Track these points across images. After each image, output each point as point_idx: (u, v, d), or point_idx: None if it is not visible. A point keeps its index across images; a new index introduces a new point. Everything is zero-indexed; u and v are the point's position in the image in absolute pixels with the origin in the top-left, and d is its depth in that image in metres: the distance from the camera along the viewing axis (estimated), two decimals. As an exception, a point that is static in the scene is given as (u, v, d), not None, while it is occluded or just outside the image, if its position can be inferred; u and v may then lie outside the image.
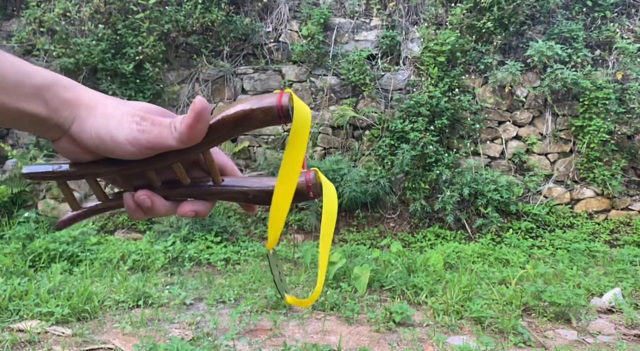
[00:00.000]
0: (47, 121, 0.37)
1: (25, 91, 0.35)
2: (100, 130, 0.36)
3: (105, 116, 0.36)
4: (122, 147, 0.36)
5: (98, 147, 0.37)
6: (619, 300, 3.21)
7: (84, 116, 0.37)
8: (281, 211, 0.36)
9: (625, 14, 5.44)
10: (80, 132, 0.37)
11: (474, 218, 4.98)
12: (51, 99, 0.36)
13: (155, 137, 0.35)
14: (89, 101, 0.37)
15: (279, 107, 0.33)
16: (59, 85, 0.37)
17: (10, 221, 4.70)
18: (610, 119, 4.97)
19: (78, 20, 5.18)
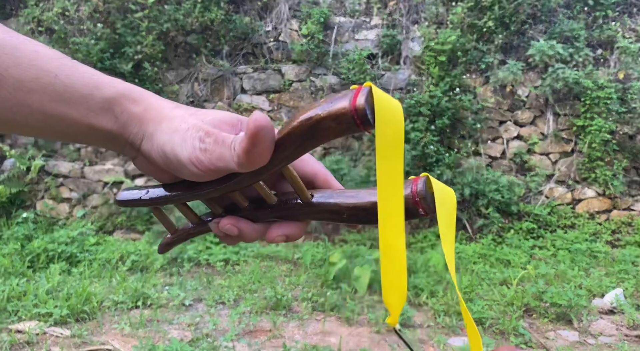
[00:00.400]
0: (119, 138, 0.34)
1: (95, 104, 0.32)
2: (165, 147, 0.32)
3: (171, 132, 0.32)
4: (187, 168, 0.31)
5: (168, 166, 0.33)
6: (620, 300, 3.19)
7: (151, 132, 0.33)
8: (396, 258, 0.27)
9: (627, 13, 5.42)
10: (150, 150, 0.33)
11: (474, 218, 4.96)
12: (120, 113, 0.33)
13: (218, 158, 0.30)
14: (157, 114, 0.33)
15: (352, 112, 0.25)
16: (128, 97, 0.33)
17: (9, 222, 4.69)
18: (611, 118, 4.95)
19: (77, 19, 5.16)
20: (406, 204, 0.28)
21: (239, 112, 5.42)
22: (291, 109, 5.41)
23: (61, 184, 5.23)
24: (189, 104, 5.43)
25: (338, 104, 0.25)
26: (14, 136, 5.32)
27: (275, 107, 5.44)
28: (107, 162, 5.29)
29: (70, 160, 5.27)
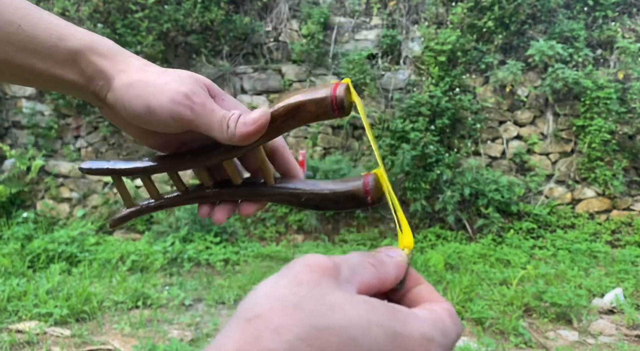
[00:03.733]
0: (84, 89, 0.35)
1: (59, 56, 0.32)
2: (136, 100, 0.33)
3: (144, 85, 0.33)
4: (160, 119, 0.32)
5: (133, 118, 0.34)
6: (620, 300, 3.20)
7: (118, 86, 0.33)
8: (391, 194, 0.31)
9: (626, 14, 5.42)
10: (115, 102, 0.34)
11: (474, 218, 4.97)
12: (86, 66, 0.33)
13: (204, 124, 0.32)
14: (125, 68, 0.34)
15: (332, 99, 0.30)
16: (95, 50, 0.34)
17: (9, 222, 4.69)
18: (611, 118, 4.95)
19: (77, 19, 5.16)
20: (357, 194, 0.32)
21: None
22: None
23: (61, 184, 5.23)
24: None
25: (320, 92, 0.31)
26: (14, 136, 5.33)
27: (275, 107, 5.44)
28: (107, 163, 5.29)
29: (70, 160, 5.28)
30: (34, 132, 5.22)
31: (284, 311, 0.20)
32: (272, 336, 0.19)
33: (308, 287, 0.21)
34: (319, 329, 0.19)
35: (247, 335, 0.19)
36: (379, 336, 0.20)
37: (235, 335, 0.20)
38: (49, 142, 5.28)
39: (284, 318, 0.20)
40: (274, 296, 0.21)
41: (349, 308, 0.20)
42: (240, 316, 0.21)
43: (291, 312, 0.20)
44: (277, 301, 0.20)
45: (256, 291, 0.22)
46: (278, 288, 0.21)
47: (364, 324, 0.20)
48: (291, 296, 0.21)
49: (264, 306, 0.20)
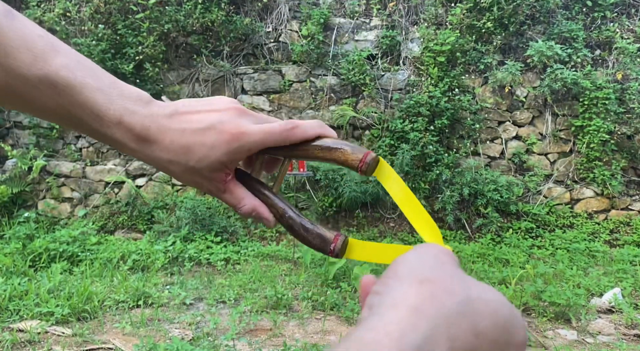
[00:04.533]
0: (127, 147, 0.39)
1: (110, 120, 0.37)
2: (175, 165, 0.39)
3: (184, 149, 0.38)
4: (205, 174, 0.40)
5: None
6: (618, 299, 3.21)
7: (160, 147, 0.38)
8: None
9: (625, 14, 5.44)
10: (159, 157, 0.39)
11: (473, 217, 4.98)
12: (128, 131, 0.38)
13: (267, 128, 0.38)
14: (162, 128, 0.38)
15: (361, 162, 0.38)
16: (133, 113, 0.38)
17: (11, 221, 4.70)
18: (610, 119, 4.97)
19: (78, 20, 5.18)
20: (324, 249, 0.39)
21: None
22: (291, 109, 5.43)
23: (63, 184, 5.25)
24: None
25: (357, 153, 0.38)
26: (16, 136, 5.34)
27: (276, 107, 5.46)
28: (108, 162, 5.31)
29: (71, 160, 5.29)
30: (35, 132, 5.23)
31: (447, 279, 0.25)
32: (446, 295, 0.24)
33: (450, 266, 0.27)
34: (474, 297, 0.25)
35: (424, 292, 0.25)
36: (507, 312, 0.26)
37: (413, 292, 0.25)
38: (50, 143, 5.30)
39: (452, 284, 0.25)
40: (432, 267, 0.27)
41: (486, 287, 0.27)
42: (408, 277, 0.26)
43: (451, 281, 0.25)
44: (439, 271, 0.26)
45: (410, 259, 0.28)
46: (430, 262, 0.27)
47: (500, 301, 0.26)
48: (444, 270, 0.26)
49: (429, 273, 0.26)
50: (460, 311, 0.24)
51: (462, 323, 0.24)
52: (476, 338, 0.24)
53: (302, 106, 5.41)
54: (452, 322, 0.24)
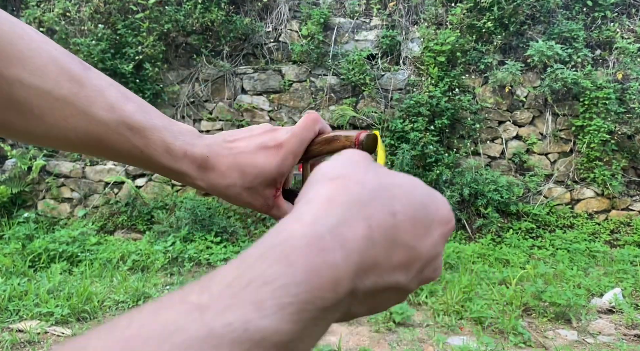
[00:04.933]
0: (188, 177, 0.44)
1: (177, 154, 0.42)
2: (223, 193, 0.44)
3: (232, 185, 0.43)
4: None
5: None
6: (619, 300, 3.21)
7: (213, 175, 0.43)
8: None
9: (625, 14, 5.44)
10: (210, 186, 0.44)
11: (474, 218, 4.98)
12: (191, 162, 0.43)
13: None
14: (216, 161, 0.43)
15: (357, 138, 0.41)
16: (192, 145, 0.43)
17: (10, 221, 4.70)
18: (610, 119, 4.96)
19: (78, 20, 5.18)
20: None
21: (239, 113, 5.44)
22: (291, 109, 5.43)
23: (62, 184, 5.24)
24: (190, 104, 5.45)
25: (352, 132, 0.42)
26: (15, 136, 5.33)
27: (276, 107, 5.45)
28: (108, 162, 5.30)
29: (71, 160, 5.29)
30: (34, 132, 5.22)
31: (359, 173, 0.26)
32: (358, 185, 0.25)
33: (364, 163, 0.28)
34: (387, 184, 0.26)
35: (337, 185, 0.25)
36: (423, 192, 0.27)
37: (325, 188, 0.25)
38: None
39: (361, 176, 0.26)
40: (344, 166, 0.27)
41: (399, 175, 0.28)
42: (321, 178, 0.27)
43: (364, 173, 0.26)
44: (350, 168, 0.27)
45: (323, 166, 0.28)
46: (341, 164, 0.28)
47: (413, 183, 0.27)
48: (356, 166, 0.27)
49: (341, 171, 0.26)
50: (373, 196, 0.25)
51: (377, 205, 0.24)
52: (393, 217, 0.24)
53: (302, 106, 5.40)
54: (367, 205, 0.24)
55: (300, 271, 0.20)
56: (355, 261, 0.22)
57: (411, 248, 0.25)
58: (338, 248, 0.22)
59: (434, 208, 0.27)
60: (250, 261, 0.21)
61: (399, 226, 0.24)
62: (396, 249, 0.24)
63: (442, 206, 0.28)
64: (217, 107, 5.44)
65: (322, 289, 0.20)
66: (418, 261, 0.25)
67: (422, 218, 0.26)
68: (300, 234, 0.22)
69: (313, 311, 0.20)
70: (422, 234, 0.26)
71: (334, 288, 0.21)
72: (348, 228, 0.23)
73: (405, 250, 0.25)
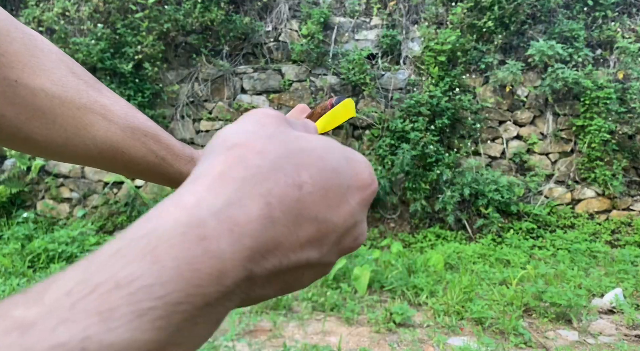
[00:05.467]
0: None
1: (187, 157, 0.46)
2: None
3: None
4: None
5: None
6: (620, 300, 3.20)
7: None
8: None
9: (626, 14, 5.43)
10: None
11: (474, 218, 4.97)
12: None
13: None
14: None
15: (329, 104, 0.44)
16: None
17: (9, 222, 4.69)
18: (611, 118, 4.95)
19: (77, 19, 5.17)
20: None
21: (239, 113, 5.43)
22: (291, 109, 5.42)
23: (61, 184, 5.23)
24: (190, 104, 5.44)
25: (325, 102, 0.45)
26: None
27: (276, 107, 5.44)
28: (107, 163, 5.29)
29: (70, 160, 5.28)
30: (34, 132, 5.22)
31: (261, 140, 0.23)
32: (256, 156, 0.22)
33: (273, 126, 0.24)
34: (294, 151, 0.23)
35: (232, 158, 0.22)
36: (338, 157, 0.24)
37: (219, 160, 0.22)
38: (49, 142, 5.28)
39: (263, 145, 0.22)
40: (247, 132, 0.24)
41: (312, 138, 0.24)
42: (218, 147, 0.23)
43: (267, 141, 0.23)
44: (252, 135, 0.23)
45: (224, 130, 0.25)
46: (247, 128, 0.24)
47: (327, 147, 0.24)
48: (262, 131, 0.24)
49: (241, 139, 0.23)
50: (274, 167, 0.21)
51: (279, 177, 0.21)
52: (299, 189, 0.21)
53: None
54: (265, 178, 0.21)
55: (169, 267, 0.17)
56: (248, 246, 0.19)
57: (322, 221, 0.22)
58: (225, 234, 0.19)
59: (351, 173, 0.25)
60: (102, 259, 0.17)
61: (305, 199, 0.21)
62: (303, 224, 0.21)
63: (362, 169, 0.26)
64: (217, 107, 5.43)
65: (200, 285, 0.17)
66: (332, 233, 0.23)
67: (335, 186, 0.23)
68: (174, 222, 0.18)
69: (189, 311, 0.17)
70: (335, 204, 0.23)
71: (217, 280, 0.18)
72: (240, 208, 0.20)
73: (315, 224, 0.22)
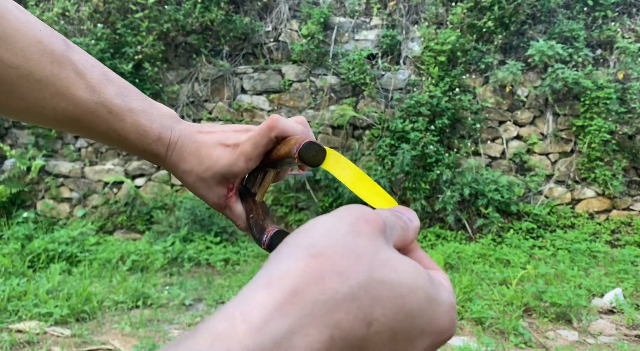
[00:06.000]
0: (158, 158, 0.45)
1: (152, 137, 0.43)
2: (189, 178, 0.45)
3: (195, 176, 0.45)
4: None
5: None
6: (620, 300, 3.20)
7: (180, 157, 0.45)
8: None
9: (626, 14, 5.43)
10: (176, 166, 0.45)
11: (474, 218, 4.97)
12: (167, 144, 0.44)
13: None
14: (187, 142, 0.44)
15: (296, 147, 0.37)
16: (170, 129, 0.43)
17: (9, 222, 4.69)
18: (611, 118, 4.95)
19: (77, 19, 5.17)
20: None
21: (239, 113, 5.43)
22: (291, 109, 5.42)
23: (61, 184, 5.23)
24: (190, 104, 5.44)
25: (299, 137, 0.38)
26: (15, 136, 5.33)
27: (276, 107, 5.44)
28: (107, 162, 5.29)
29: (70, 160, 5.28)
30: (34, 132, 5.22)
31: (348, 258, 0.21)
32: (336, 277, 0.20)
33: (367, 240, 0.22)
34: (376, 281, 0.21)
35: (312, 272, 0.20)
36: (420, 298, 0.22)
37: (299, 268, 0.20)
38: (49, 142, 5.28)
39: (348, 264, 0.21)
40: (337, 240, 0.22)
41: (400, 267, 0.22)
42: (302, 249, 0.21)
43: (354, 260, 0.21)
44: (341, 247, 0.21)
45: (313, 228, 0.23)
46: (339, 233, 0.22)
47: (411, 284, 0.22)
48: (353, 245, 0.22)
49: (328, 248, 0.21)
50: (351, 295, 0.20)
51: (351, 309, 0.20)
52: (368, 326, 0.20)
53: (302, 106, 5.39)
54: (337, 308, 0.19)
55: None
56: None
57: None
58: None
59: (429, 317, 0.23)
60: None
61: (371, 339, 0.20)
62: None
63: (442, 315, 0.23)
64: (217, 107, 5.43)
65: None
66: None
67: (407, 329, 0.21)
68: (238, 347, 0.18)
69: None
70: (399, 348, 0.21)
71: None
72: (302, 338, 0.19)
73: None
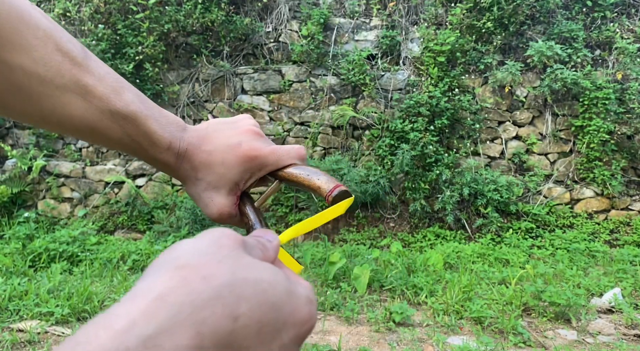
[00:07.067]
0: (171, 168, 0.45)
1: (163, 146, 0.43)
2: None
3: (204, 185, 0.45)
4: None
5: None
6: (618, 300, 3.21)
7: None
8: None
9: (625, 14, 5.44)
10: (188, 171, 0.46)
11: (473, 218, 4.98)
12: (177, 154, 0.44)
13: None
14: (196, 142, 0.44)
15: (328, 193, 0.41)
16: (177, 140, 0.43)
17: (10, 221, 4.70)
18: (610, 119, 4.97)
19: (78, 20, 5.18)
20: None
21: (239, 113, 5.44)
22: (291, 109, 5.43)
23: (62, 184, 5.24)
24: (190, 104, 5.46)
25: (330, 183, 0.42)
26: (15, 137, 5.34)
27: (276, 107, 5.46)
28: (108, 162, 5.30)
29: (71, 160, 5.29)
30: (35, 132, 5.23)
31: (210, 264, 0.23)
32: (201, 281, 0.22)
33: (228, 249, 0.25)
34: (240, 280, 0.23)
35: (177, 279, 0.22)
36: (281, 291, 0.25)
37: (163, 280, 0.22)
38: (50, 143, 5.30)
39: (211, 269, 0.23)
40: (200, 252, 0.25)
41: (260, 268, 0.25)
42: (167, 264, 0.24)
43: (217, 265, 0.23)
44: (204, 256, 0.24)
45: (179, 246, 0.25)
46: (202, 247, 0.25)
47: (272, 280, 0.25)
48: (215, 254, 0.24)
49: (192, 259, 0.24)
50: (215, 295, 0.22)
51: (216, 307, 0.21)
52: (235, 321, 0.22)
53: (302, 106, 5.41)
54: (203, 307, 0.21)
55: None
56: None
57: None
58: None
59: (290, 309, 0.25)
60: None
61: (238, 332, 0.22)
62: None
63: (301, 306, 0.26)
64: (217, 107, 5.44)
65: None
66: None
67: (272, 321, 0.23)
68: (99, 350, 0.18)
69: None
70: (268, 339, 0.23)
71: None
72: (169, 337, 0.20)
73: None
